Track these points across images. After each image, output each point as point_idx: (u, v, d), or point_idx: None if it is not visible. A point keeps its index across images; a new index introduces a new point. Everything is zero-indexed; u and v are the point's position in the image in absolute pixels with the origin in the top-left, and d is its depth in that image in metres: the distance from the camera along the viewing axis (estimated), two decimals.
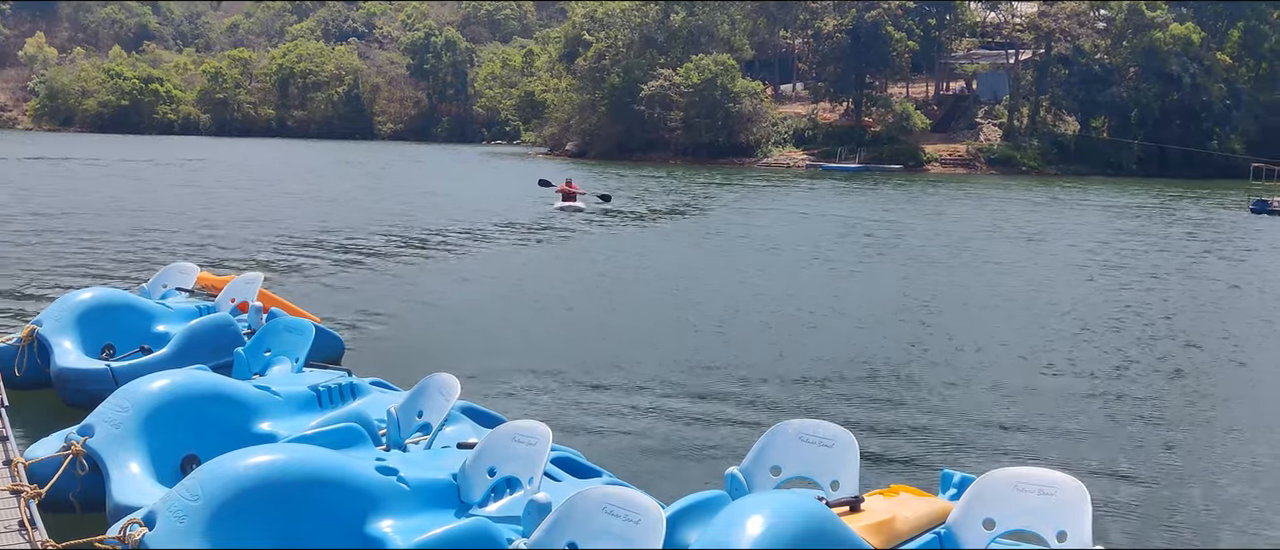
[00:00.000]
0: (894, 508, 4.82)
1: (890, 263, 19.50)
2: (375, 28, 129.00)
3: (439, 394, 6.17)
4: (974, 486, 4.86)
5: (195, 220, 23.71)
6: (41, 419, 6.89)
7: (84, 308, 8.27)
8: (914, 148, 65.23)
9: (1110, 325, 13.51)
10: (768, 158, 66.96)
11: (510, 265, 18.42)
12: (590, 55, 74.18)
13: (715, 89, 66.91)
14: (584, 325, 12.96)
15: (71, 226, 21.38)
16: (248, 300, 9.17)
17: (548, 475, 5.58)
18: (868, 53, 68.35)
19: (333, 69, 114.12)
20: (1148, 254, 22.03)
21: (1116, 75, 66.34)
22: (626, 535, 4.20)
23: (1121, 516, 6.63)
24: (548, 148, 79.57)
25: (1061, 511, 4.55)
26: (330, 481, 4.78)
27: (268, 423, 6.32)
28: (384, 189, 37.36)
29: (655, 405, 8.94)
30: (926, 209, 33.47)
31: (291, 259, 17.91)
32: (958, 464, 7.10)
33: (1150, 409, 9.30)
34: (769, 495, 4.53)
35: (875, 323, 13.35)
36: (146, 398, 5.84)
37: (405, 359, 10.02)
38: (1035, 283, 17.31)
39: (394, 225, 24.15)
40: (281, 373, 7.51)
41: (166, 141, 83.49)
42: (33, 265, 16.03)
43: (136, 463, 5.57)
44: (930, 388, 9.84)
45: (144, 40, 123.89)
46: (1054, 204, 37.72)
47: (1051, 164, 64.48)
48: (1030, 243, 23.90)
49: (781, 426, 5.38)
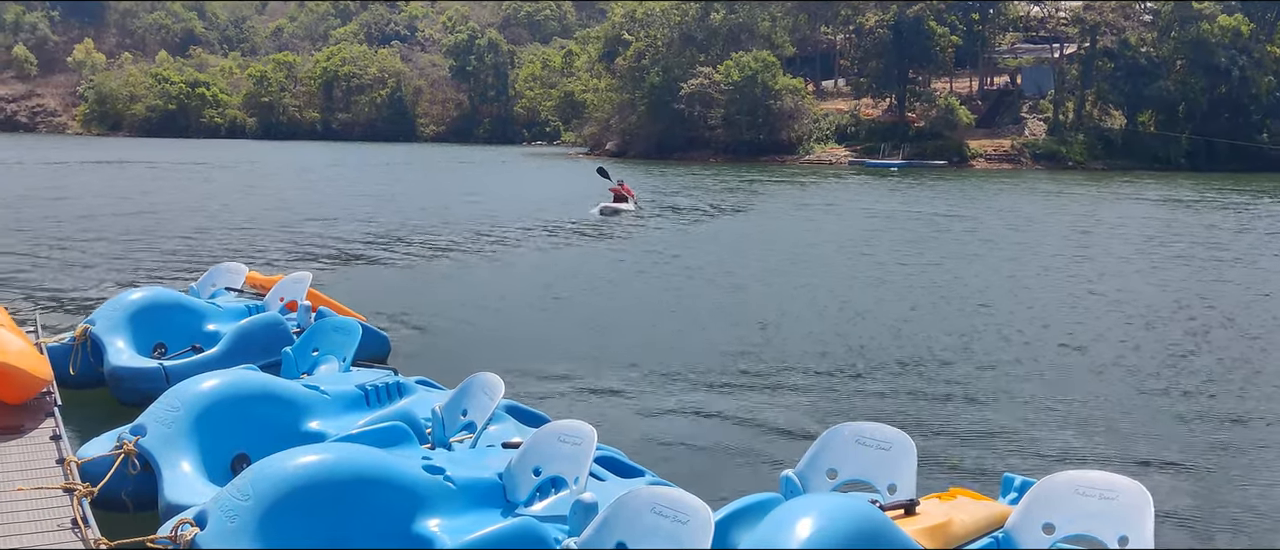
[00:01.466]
0: (950, 511, 4.73)
1: (941, 259, 19.27)
2: (417, 31, 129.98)
3: (483, 393, 6.16)
4: (1033, 490, 4.76)
5: (243, 221, 23.99)
6: (94, 418, 6.96)
7: (136, 307, 8.35)
8: (958, 143, 64.52)
9: (1171, 322, 13.24)
10: (809, 155, 66.54)
11: (553, 264, 18.44)
12: (630, 54, 74.14)
13: (756, 86, 66.59)
14: (629, 324, 12.92)
15: (121, 228, 21.71)
16: (296, 299, 9.23)
17: (592, 475, 5.57)
18: (910, 48, 67.69)
19: (376, 72, 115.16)
20: (1205, 249, 21.59)
21: (1163, 68, 65.14)
22: (675, 535, 4.18)
23: (1185, 521, 6.47)
24: (588, 147, 79.67)
25: (1123, 516, 4.43)
26: (378, 480, 4.79)
27: (316, 422, 6.34)
28: (428, 190, 37.61)
29: (704, 406, 8.87)
30: (975, 204, 33.08)
31: (338, 258, 18.06)
32: (1019, 467, 6.97)
33: (1216, 409, 9.06)
34: (818, 497, 4.47)
35: (929, 320, 13.16)
36: (197, 397, 5.88)
37: (450, 358, 10.04)
38: (1092, 279, 17.02)
39: (438, 225, 24.28)
40: (329, 372, 7.54)
41: (213, 145, 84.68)
42: (85, 266, 16.29)
43: (188, 462, 5.61)
44: (990, 387, 9.67)
45: (190, 45, 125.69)
46: (1103, 198, 37.15)
47: (1097, 159, 63.50)
48: (1083, 237, 23.55)
49: (838, 429, 5.32)
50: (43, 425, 6.33)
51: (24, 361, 6.64)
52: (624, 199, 28.14)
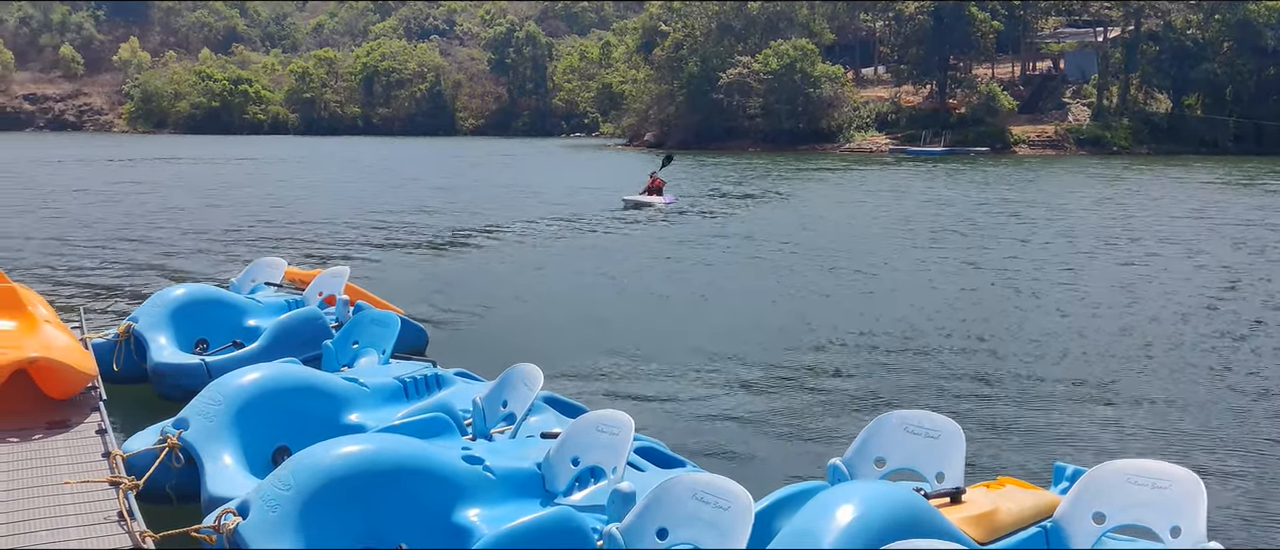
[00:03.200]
0: (997, 500, 4.64)
1: (986, 246, 19.01)
2: (456, 25, 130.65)
3: (522, 384, 6.16)
4: (1084, 479, 4.65)
5: (282, 216, 24.23)
6: (138, 412, 7.04)
7: (178, 304, 8.43)
8: (1000, 129, 63.77)
9: (1225, 309, 12.92)
10: (850, 143, 66.09)
11: (592, 253, 18.42)
12: (668, 45, 74.01)
13: (795, 74, 66.23)
14: (671, 312, 12.86)
15: (163, 224, 22.01)
16: (335, 293, 9.27)
17: (632, 465, 5.56)
18: (951, 34, 66.97)
19: (415, 67, 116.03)
20: (1257, 233, 21.11)
21: (1210, 50, 63.90)
22: (717, 521, 4.18)
23: (1240, 514, 6.30)
24: (627, 139, 79.71)
25: (1176, 506, 4.31)
26: (418, 470, 4.81)
27: (356, 414, 6.37)
28: (467, 182, 37.76)
29: (749, 395, 8.79)
30: (1019, 190, 32.64)
31: (376, 251, 18.16)
32: (1073, 457, 6.83)
33: (1274, 397, 8.81)
34: (860, 484, 4.42)
35: (979, 308, 12.97)
36: (238, 391, 5.93)
37: (488, 349, 10.02)
38: (1142, 264, 16.72)
39: (476, 217, 24.37)
40: (368, 365, 7.57)
41: (255, 141, 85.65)
42: (128, 262, 16.52)
43: (230, 455, 5.66)
44: (1041, 375, 9.50)
45: (232, 42, 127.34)
46: (1150, 183, 36.48)
47: (1143, 143, 62.50)
48: (1131, 222, 23.13)
49: (886, 417, 5.25)
50: (89, 420, 6.41)
51: (70, 357, 6.74)
52: (658, 191, 27.68)
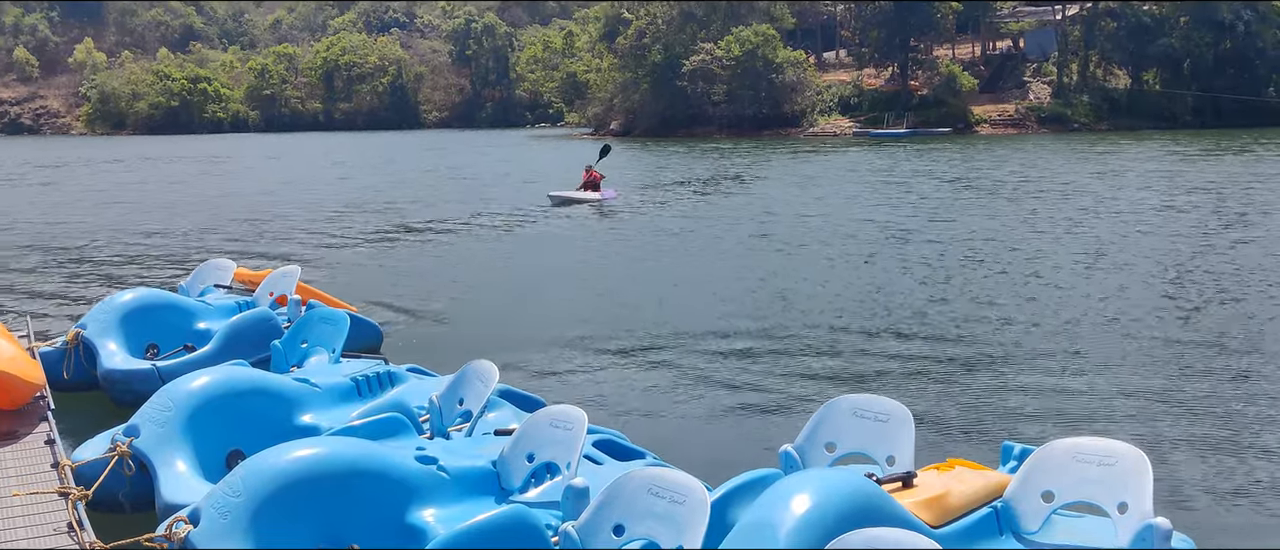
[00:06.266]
0: (948, 482, 4.66)
1: (941, 229, 19.13)
2: (416, 17, 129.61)
3: (478, 380, 6.14)
4: (1032, 459, 4.70)
5: (233, 215, 23.90)
6: (89, 421, 6.93)
7: (127, 309, 8.32)
8: (962, 110, 64.16)
9: (1180, 282, 13.09)
10: (814, 127, 66.29)
11: (547, 244, 18.38)
12: (631, 33, 73.81)
13: (757, 60, 66.29)
14: (628, 302, 12.85)
15: (110, 229, 21.65)
16: (286, 293, 9.19)
17: (590, 458, 5.56)
18: (911, 16, 67.15)
19: (376, 60, 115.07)
20: (1211, 207, 21.38)
21: (1167, 25, 64.57)
22: (672, 516, 4.19)
23: (1188, 487, 6.39)
24: (592, 128, 79.59)
25: (1122, 482, 4.36)
26: (370, 472, 4.78)
27: (309, 415, 6.33)
28: (424, 177, 37.52)
29: (706, 383, 8.81)
30: (977, 170, 32.89)
31: (330, 251, 17.97)
32: (1021, 435, 6.89)
33: (1223, 373, 8.90)
34: (813, 473, 4.44)
35: (930, 290, 13.07)
36: (189, 396, 5.87)
37: (445, 343, 10.01)
38: (1097, 241, 16.88)
39: (431, 211, 24.21)
40: (319, 364, 7.51)
41: (215, 140, 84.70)
42: (75, 269, 16.28)
43: (183, 460, 5.61)
44: (992, 354, 9.58)
45: (190, 41, 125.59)
46: (1107, 158, 36.86)
47: (1103, 119, 63.11)
48: (1087, 199, 23.33)
49: (835, 402, 5.28)
50: (37, 430, 6.33)
51: (16, 367, 6.64)
52: (595, 186, 25.23)
